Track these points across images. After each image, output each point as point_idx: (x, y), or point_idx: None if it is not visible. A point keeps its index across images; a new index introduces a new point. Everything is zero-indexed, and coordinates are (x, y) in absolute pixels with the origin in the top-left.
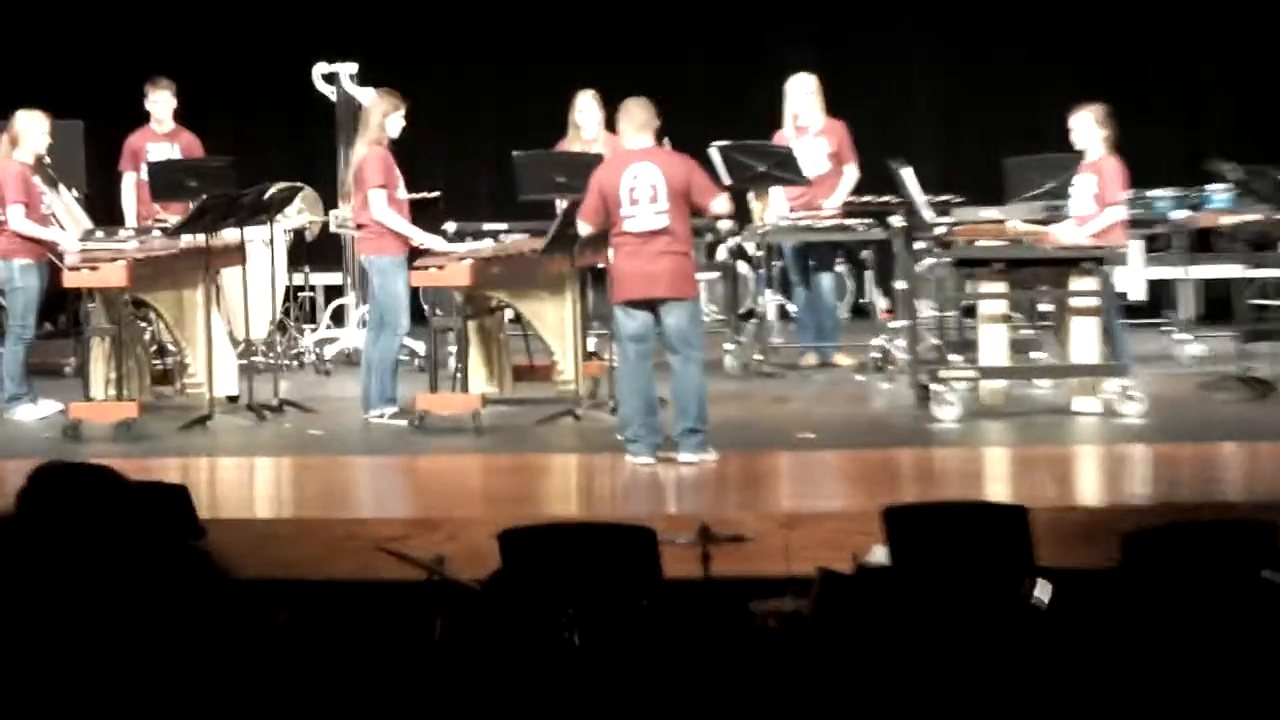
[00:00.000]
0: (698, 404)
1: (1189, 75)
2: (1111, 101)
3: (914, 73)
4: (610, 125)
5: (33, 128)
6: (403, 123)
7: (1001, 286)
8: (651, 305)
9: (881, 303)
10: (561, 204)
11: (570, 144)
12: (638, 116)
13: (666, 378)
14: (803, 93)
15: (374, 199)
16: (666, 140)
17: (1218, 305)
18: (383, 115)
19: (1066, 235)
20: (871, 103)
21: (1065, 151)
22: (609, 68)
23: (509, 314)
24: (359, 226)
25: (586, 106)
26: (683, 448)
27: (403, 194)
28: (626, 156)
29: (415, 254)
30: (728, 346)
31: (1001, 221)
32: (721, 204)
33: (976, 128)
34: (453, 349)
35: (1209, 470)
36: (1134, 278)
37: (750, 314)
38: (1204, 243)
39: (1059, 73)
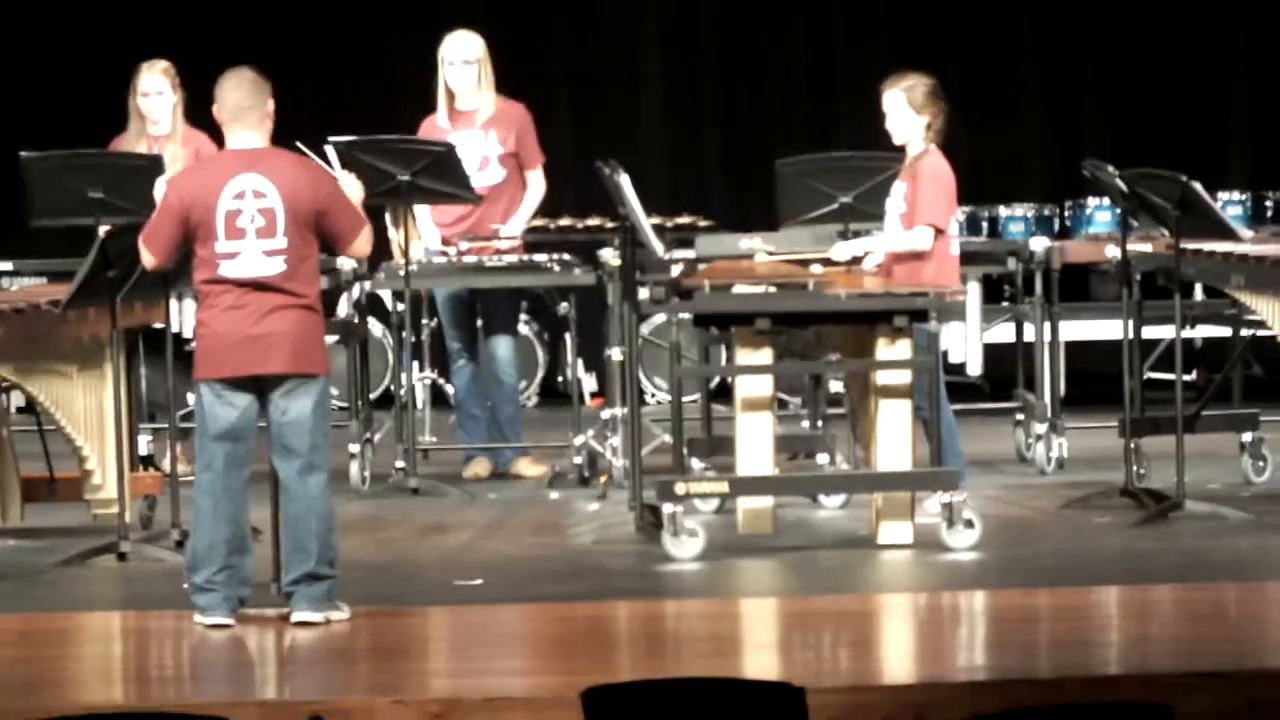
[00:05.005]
0: (321, 537)
1: (1051, 53)
2: (945, 80)
3: (640, 32)
4: (202, 115)
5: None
6: None
7: (767, 356)
8: (258, 386)
9: (588, 382)
10: (102, 230)
11: (131, 142)
12: (241, 100)
13: (261, 496)
14: (461, 57)
15: None
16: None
17: (1095, 382)
18: None
19: (874, 275)
20: (576, 77)
21: (874, 149)
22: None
23: (16, 399)
24: None
25: (154, 87)
26: (299, 601)
27: None
28: (227, 163)
29: None
30: (353, 449)
31: (771, 254)
32: (366, 244)
33: (733, 115)
34: None
35: (1078, 628)
36: (970, 341)
37: (388, 399)
38: (1077, 286)
39: (865, 37)
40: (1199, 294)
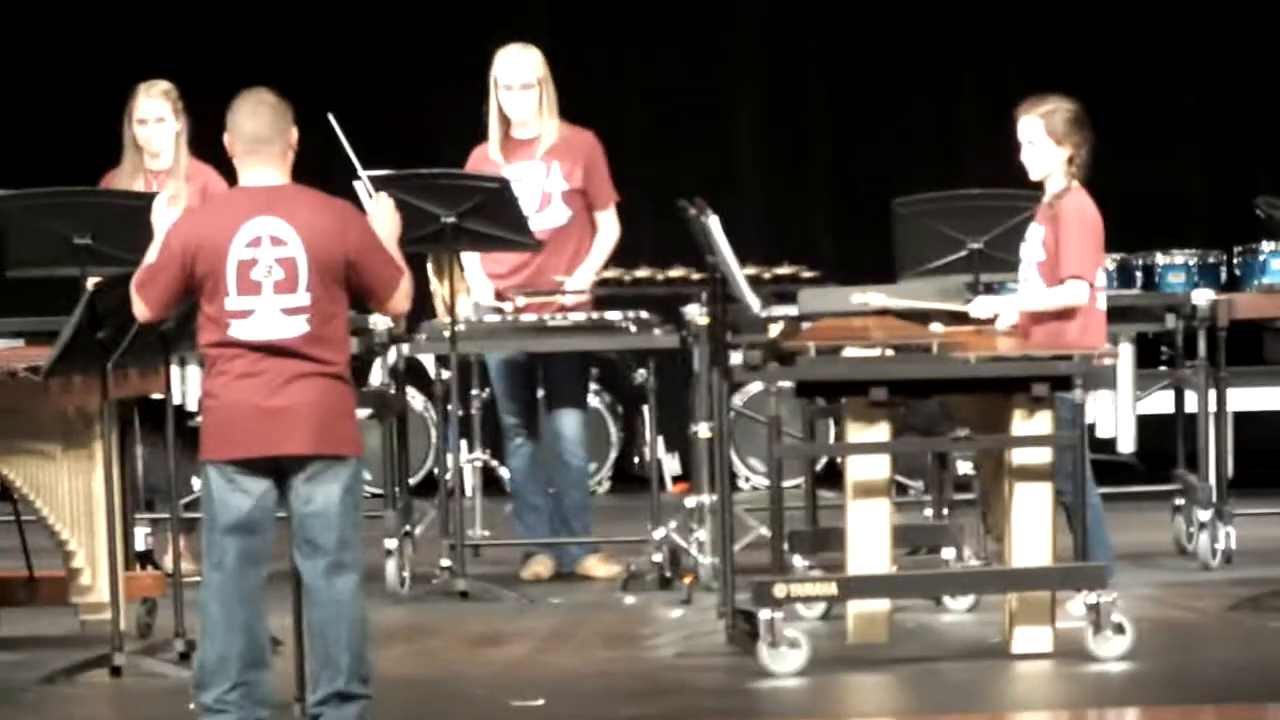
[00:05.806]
0: (353, 650)
1: (1214, 74)
2: (1089, 105)
3: (739, 47)
4: (210, 145)
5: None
6: None
7: (884, 432)
8: (277, 469)
9: (670, 464)
10: (90, 283)
11: (126, 178)
12: (259, 130)
13: (281, 599)
14: (519, 80)
15: None
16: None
17: (1269, 461)
18: None
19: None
20: (655, 98)
21: (1007, 186)
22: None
23: None
24: None
25: (153, 112)
26: None
27: None
28: (241, 204)
29: None
30: (390, 545)
31: (887, 313)
32: (405, 299)
33: (843, 145)
34: None
35: None
36: (1121, 413)
37: (431, 485)
38: (1248, 346)
39: (992, 57)
40: None
